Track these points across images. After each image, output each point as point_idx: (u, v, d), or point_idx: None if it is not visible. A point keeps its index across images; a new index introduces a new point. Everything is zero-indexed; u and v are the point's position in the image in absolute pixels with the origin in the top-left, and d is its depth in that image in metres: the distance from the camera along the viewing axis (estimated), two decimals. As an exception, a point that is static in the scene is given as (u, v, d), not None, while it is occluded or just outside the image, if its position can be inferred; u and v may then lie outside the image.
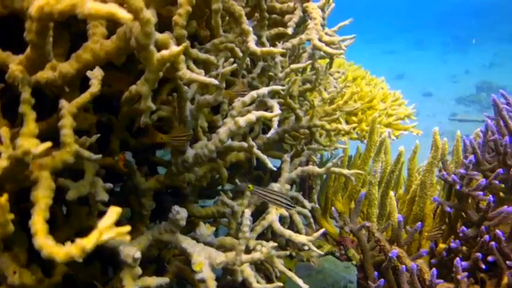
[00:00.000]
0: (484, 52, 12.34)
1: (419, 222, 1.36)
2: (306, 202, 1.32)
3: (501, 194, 1.37)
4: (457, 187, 1.29)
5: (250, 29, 0.94)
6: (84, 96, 0.67)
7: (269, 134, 0.99)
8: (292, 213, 1.24)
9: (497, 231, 1.22)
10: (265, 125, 1.43)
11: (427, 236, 1.33)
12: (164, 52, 0.62)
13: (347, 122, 1.88)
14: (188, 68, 0.88)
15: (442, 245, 1.41)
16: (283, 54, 1.29)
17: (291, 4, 1.24)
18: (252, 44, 0.91)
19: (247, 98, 0.93)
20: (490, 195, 1.24)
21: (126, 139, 1.08)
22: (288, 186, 1.21)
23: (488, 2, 17.26)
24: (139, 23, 0.59)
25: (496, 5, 16.89)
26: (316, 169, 1.18)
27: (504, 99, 1.50)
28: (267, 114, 0.91)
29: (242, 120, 0.90)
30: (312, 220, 1.32)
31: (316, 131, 1.28)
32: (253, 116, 0.90)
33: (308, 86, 1.28)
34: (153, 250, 1.04)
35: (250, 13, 1.32)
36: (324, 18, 1.45)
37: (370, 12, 20.89)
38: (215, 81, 0.75)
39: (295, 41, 1.18)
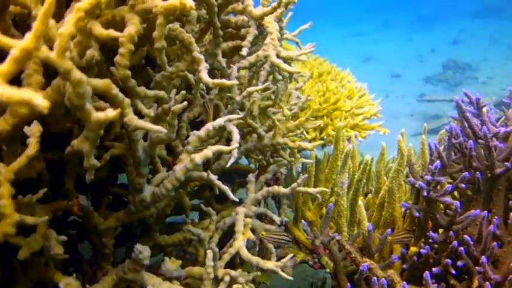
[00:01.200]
0: (449, 30, 12.48)
1: (389, 229, 1.35)
2: (275, 217, 1.30)
3: (469, 192, 1.38)
4: (424, 193, 1.28)
5: (202, 57, 0.90)
6: (21, 160, 0.63)
7: (228, 164, 0.97)
8: (260, 232, 1.22)
9: (465, 236, 1.22)
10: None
11: (392, 240, 1.33)
12: (100, 115, 0.58)
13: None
14: (137, 108, 0.84)
15: (413, 249, 1.41)
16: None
17: (246, 18, 1.21)
18: (203, 74, 0.87)
19: (202, 132, 0.90)
20: (456, 202, 1.24)
21: (82, 173, 1.04)
22: (255, 208, 1.19)
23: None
24: (71, 84, 0.55)
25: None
26: (282, 189, 1.16)
27: (467, 98, 1.50)
28: (224, 148, 0.88)
29: (198, 157, 0.87)
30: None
31: (280, 148, 1.26)
32: (209, 151, 0.87)
33: (269, 102, 1.25)
34: (120, 288, 1.01)
35: (205, 28, 1.29)
36: (282, 28, 1.42)
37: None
38: (163, 130, 0.72)
39: (252, 58, 1.15)
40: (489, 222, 1.27)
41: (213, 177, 0.97)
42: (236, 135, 1.01)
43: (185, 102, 0.82)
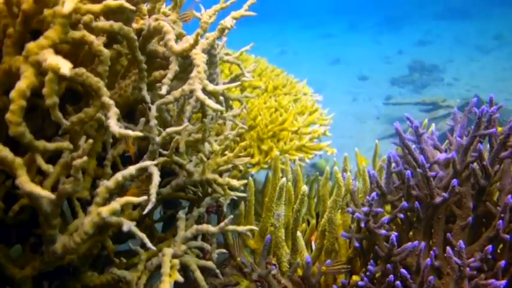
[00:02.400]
0: (415, 31, 12.62)
1: (329, 260, 1.33)
2: (213, 251, 1.27)
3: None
4: (362, 225, 1.26)
5: (111, 102, 0.85)
6: None
7: (145, 211, 0.92)
8: (194, 269, 1.18)
9: (402, 270, 1.20)
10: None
11: (325, 270, 1.30)
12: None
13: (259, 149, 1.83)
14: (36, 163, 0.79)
15: (355, 278, 1.39)
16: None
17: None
18: (112, 121, 0.82)
19: (111, 183, 0.85)
20: (393, 234, 1.22)
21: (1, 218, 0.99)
22: (184, 247, 1.14)
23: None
24: None
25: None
26: (211, 228, 1.11)
27: (409, 122, 1.48)
28: (133, 199, 0.84)
29: (105, 211, 0.82)
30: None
31: (212, 182, 1.22)
32: (117, 204, 0.82)
33: (198, 136, 1.21)
34: None
35: (131, 60, 1.24)
36: (215, 55, 1.39)
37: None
38: (51, 196, 0.67)
39: (177, 93, 1.10)
40: (428, 252, 1.26)
41: (129, 225, 0.92)
42: (156, 180, 0.97)
43: (85, 157, 0.78)
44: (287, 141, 1.80)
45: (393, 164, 1.35)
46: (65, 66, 0.59)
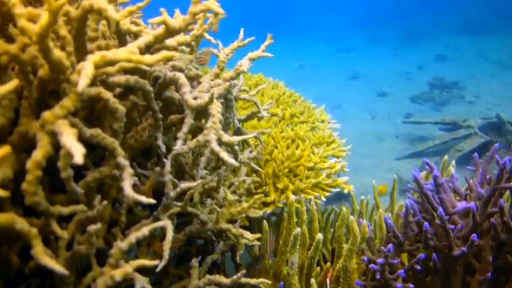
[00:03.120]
0: (435, 46, 12.50)
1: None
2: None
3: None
4: (377, 276, 1.24)
5: (126, 163, 0.85)
6: None
7: (158, 269, 0.92)
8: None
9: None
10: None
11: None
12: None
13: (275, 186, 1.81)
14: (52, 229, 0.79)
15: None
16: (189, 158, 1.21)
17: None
18: (126, 184, 0.82)
19: (124, 245, 0.85)
20: (410, 286, 1.19)
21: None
22: (197, 298, 1.13)
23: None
24: None
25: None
26: (223, 279, 1.10)
27: (428, 167, 1.46)
28: (147, 262, 0.83)
29: (118, 275, 0.82)
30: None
31: (226, 231, 1.21)
32: (130, 268, 0.82)
33: (213, 184, 1.21)
34: None
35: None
36: (231, 99, 1.38)
37: (324, 10, 20.94)
38: (65, 272, 0.67)
39: (192, 143, 1.10)
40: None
41: (142, 282, 0.92)
42: (169, 236, 0.96)
43: (99, 224, 0.78)
44: (303, 178, 1.78)
45: (411, 211, 1.33)
46: (78, 153, 0.59)
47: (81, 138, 0.80)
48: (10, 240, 0.88)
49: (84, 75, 0.67)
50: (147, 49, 0.99)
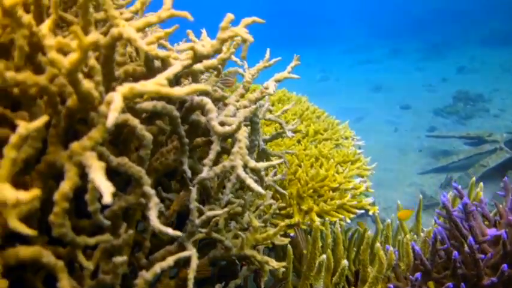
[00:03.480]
0: (460, 58, 12.36)
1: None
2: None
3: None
4: (405, 306, 1.21)
5: (152, 192, 0.84)
6: None
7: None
8: None
9: None
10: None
11: None
12: None
13: (299, 206, 1.79)
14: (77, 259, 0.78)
15: None
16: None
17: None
18: (152, 215, 0.81)
19: (149, 275, 0.84)
20: (439, 318, 1.16)
21: None
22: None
23: (463, 8, 17.30)
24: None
25: (471, 11, 16.92)
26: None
27: (457, 192, 1.42)
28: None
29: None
30: None
31: (250, 257, 1.19)
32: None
33: (238, 209, 1.20)
34: None
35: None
36: (257, 122, 1.37)
37: (347, 21, 20.87)
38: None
39: (217, 169, 1.09)
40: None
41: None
42: (194, 265, 0.95)
43: (125, 257, 0.77)
44: (328, 199, 1.75)
45: (439, 239, 1.29)
46: (107, 193, 0.58)
47: (108, 167, 0.80)
48: (35, 268, 0.88)
49: (113, 109, 0.67)
50: (175, 76, 0.99)
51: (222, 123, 1.11)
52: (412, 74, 11.57)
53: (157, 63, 1.13)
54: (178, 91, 0.72)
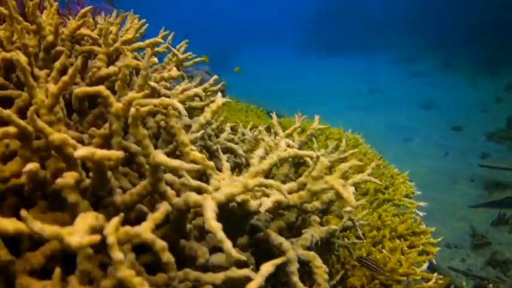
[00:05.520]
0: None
1: None
2: None
3: None
4: None
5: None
6: None
7: None
8: None
9: None
10: None
11: None
12: None
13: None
14: None
15: None
16: None
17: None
18: None
19: None
20: None
21: None
22: None
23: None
24: None
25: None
26: None
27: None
28: None
29: None
30: None
31: None
32: None
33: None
34: None
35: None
36: (333, 243, 1.31)
37: (395, 29, 20.33)
38: None
39: None
40: None
41: None
42: None
43: None
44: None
45: None
46: None
47: None
48: None
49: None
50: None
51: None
52: (464, 90, 11.19)
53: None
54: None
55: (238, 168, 1.32)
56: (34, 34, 1.08)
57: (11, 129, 0.67)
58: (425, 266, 1.89)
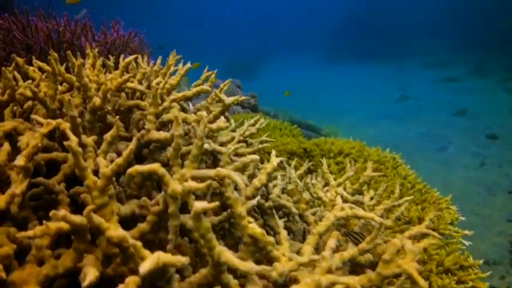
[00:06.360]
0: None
1: None
2: None
3: None
4: None
5: None
6: None
7: None
8: None
9: None
10: None
11: None
12: None
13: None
14: None
15: None
16: None
17: None
18: None
19: None
20: None
21: None
22: None
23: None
24: None
25: None
26: None
27: None
28: None
29: None
30: None
31: None
32: None
33: None
34: None
35: None
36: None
37: (426, 33, 19.98)
38: None
39: None
40: None
41: None
42: None
43: None
44: None
45: None
46: None
47: None
48: None
49: None
50: None
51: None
52: (498, 96, 10.86)
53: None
54: None
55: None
56: (78, 91, 1.05)
57: (64, 225, 0.63)
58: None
